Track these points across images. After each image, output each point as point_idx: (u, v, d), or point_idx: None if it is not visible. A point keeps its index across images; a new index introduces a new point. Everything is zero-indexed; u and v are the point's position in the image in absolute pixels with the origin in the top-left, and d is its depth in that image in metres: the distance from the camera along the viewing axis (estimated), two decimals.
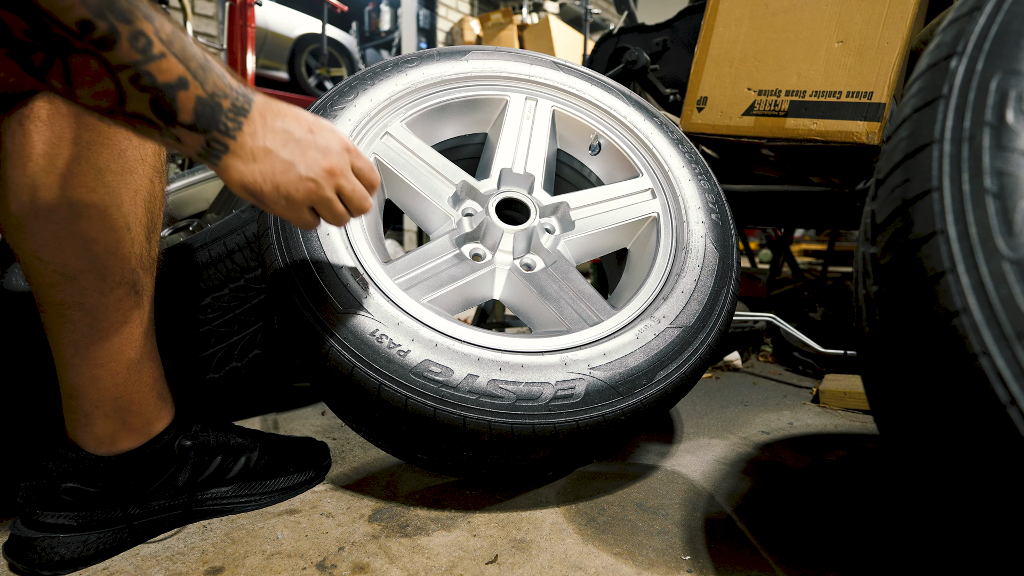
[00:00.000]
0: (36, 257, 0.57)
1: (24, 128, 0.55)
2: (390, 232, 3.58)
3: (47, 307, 0.60)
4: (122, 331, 0.62)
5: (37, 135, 0.55)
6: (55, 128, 0.55)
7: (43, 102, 0.55)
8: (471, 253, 0.83)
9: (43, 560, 0.60)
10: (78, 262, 0.58)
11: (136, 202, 0.61)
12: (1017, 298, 0.36)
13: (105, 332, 0.61)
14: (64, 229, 0.57)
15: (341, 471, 0.87)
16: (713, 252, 0.86)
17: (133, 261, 0.62)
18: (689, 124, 1.27)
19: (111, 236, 0.59)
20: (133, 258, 0.62)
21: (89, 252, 0.58)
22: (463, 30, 5.07)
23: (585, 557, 0.64)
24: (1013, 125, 0.39)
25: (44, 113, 0.55)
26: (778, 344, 1.70)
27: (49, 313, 0.60)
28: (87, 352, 0.60)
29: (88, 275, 0.59)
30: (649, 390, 0.72)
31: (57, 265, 0.57)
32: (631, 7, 2.22)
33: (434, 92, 0.93)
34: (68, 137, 0.56)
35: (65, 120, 0.56)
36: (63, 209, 0.56)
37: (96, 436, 0.63)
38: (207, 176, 1.40)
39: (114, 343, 0.62)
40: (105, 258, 0.59)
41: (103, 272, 0.59)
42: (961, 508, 0.40)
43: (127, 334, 0.62)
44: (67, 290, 0.58)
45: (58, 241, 0.57)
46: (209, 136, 0.48)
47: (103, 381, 0.62)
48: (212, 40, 3.54)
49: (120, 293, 0.61)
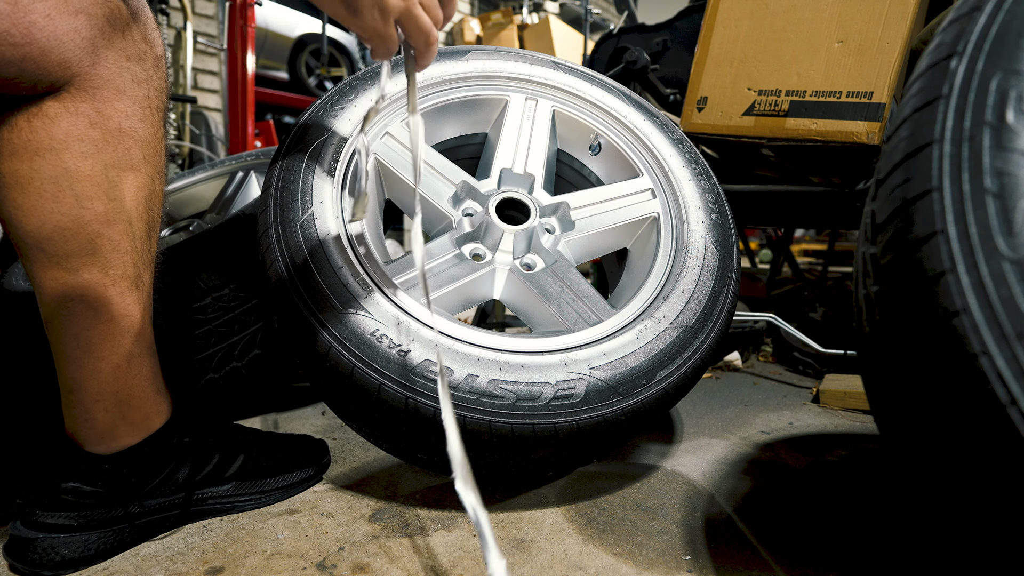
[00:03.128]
0: (40, 251, 0.59)
1: (32, 125, 0.57)
2: (390, 232, 3.58)
3: (49, 300, 0.61)
4: (123, 324, 0.63)
5: (44, 131, 0.57)
6: (62, 125, 0.57)
7: (52, 101, 0.57)
8: (471, 253, 0.83)
9: (44, 560, 0.60)
10: (81, 255, 0.59)
11: (138, 199, 0.63)
12: (1017, 298, 0.36)
13: (106, 325, 0.62)
14: (69, 222, 0.58)
15: (341, 471, 0.87)
16: (713, 252, 0.86)
17: (135, 256, 0.63)
18: (689, 124, 1.27)
19: (114, 230, 0.61)
20: (135, 253, 0.63)
21: (92, 245, 0.60)
22: (463, 30, 5.07)
23: (585, 557, 0.64)
24: (1013, 125, 0.39)
25: (52, 111, 0.57)
26: (778, 344, 1.70)
27: (51, 307, 0.61)
28: (88, 345, 0.61)
29: (91, 268, 0.60)
30: (649, 390, 0.72)
31: (61, 258, 0.59)
32: (631, 7, 2.22)
33: (434, 92, 0.93)
34: (75, 134, 0.57)
35: (73, 118, 0.57)
36: (69, 202, 0.58)
37: (96, 432, 0.63)
38: (207, 176, 1.40)
39: (115, 336, 0.62)
40: (107, 252, 0.61)
41: (105, 266, 0.61)
42: (961, 508, 0.40)
43: (127, 328, 0.63)
44: (70, 283, 0.60)
45: (62, 234, 0.58)
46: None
47: (103, 374, 0.62)
48: (212, 40, 3.54)
49: (122, 287, 0.62)
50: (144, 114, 0.62)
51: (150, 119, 0.63)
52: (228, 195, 1.28)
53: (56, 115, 0.57)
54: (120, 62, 0.59)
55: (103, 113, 0.58)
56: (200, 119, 3.14)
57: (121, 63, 0.59)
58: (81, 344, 0.61)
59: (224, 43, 2.70)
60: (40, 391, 0.95)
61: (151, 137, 0.63)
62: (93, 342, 0.61)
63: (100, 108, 0.58)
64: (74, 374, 0.62)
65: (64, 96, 0.57)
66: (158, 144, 0.65)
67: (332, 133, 0.82)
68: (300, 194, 0.76)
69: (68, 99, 0.57)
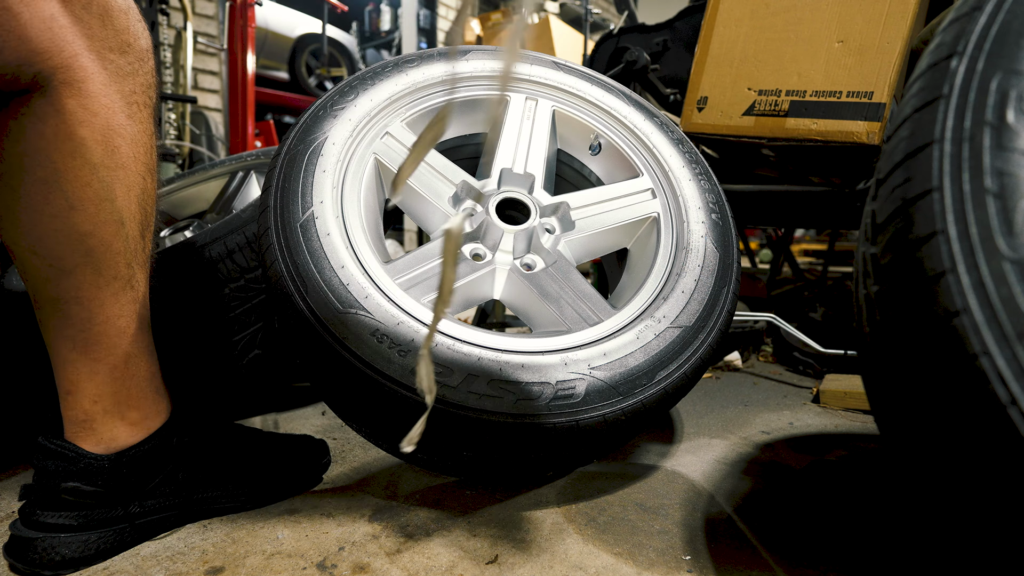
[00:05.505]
0: (33, 252, 0.59)
1: (20, 124, 0.56)
2: (390, 232, 3.58)
3: (44, 303, 0.60)
4: (118, 325, 0.63)
5: (32, 130, 0.56)
6: (51, 124, 0.56)
7: (40, 99, 0.56)
8: (471, 253, 0.83)
9: (44, 560, 0.60)
10: (74, 256, 0.59)
11: (130, 198, 0.62)
12: (1018, 298, 0.36)
13: (102, 326, 0.61)
14: (60, 222, 0.58)
15: (341, 471, 0.87)
16: (713, 252, 0.86)
17: (128, 255, 0.63)
18: (689, 124, 1.27)
19: (105, 230, 0.60)
20: (128, 252, 0.63)
21: (84, 246, 0.59)
22: (463, 30, 5.07)
23: (585, 557, 0.64)
24: (1013, 125, 0.39)
25: (40, 110, 0.56)
26: (778, 344, 1.70)
27: (46, 309, 0.61)
28: (84, 347, 0.61)
29: (84, 269, 0.60)
30: (649, 390, 0.72)
31: (53, 259, 0.59)
32: (631, 7, 2.22)
33: (434, 92, 0.93)
34: (64, 133, 0.57)
35: (60, 117, 0.56)
36: (59, 202, 0.57)
37: (96, 432, 0.63)
38: (207, 176, 1.40)
39: (111, 337, 0.62)
40: (100, 252, 0.60)
41: (98, 266, 0.60)
42: (961, 508, 0.40)
43: (123, 328, 0.63)
44: (63, 285, 0.59)
45: (54, 235, 0.58)
46: None
47: (101, 376, 0.62)
48: (212, 40, 3.54)
49: (116, 287, 0.62)
50: (131, 110, 0.61)
51: (138, 115, 0.62)
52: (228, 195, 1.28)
53: (44, 114, 0.56)
54: (103, 53, 0.58)
55: (89, 110, 0.57)
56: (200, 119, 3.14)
57: (104, 54, 0.58)
58: (77, 346, 0.61)
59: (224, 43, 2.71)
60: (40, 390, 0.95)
61: (140, 134, 0.62)
62: (89, 344, 0.61)
63: (86, 104, 0.57)
64: (71, 376, 0.61)
65: (50, 93, 0.56)
66: (148, 141, 0.64)
67: (332, 133, 0.82)
68: (300, 194, 0.76)
69: (54, 96, 0.56)
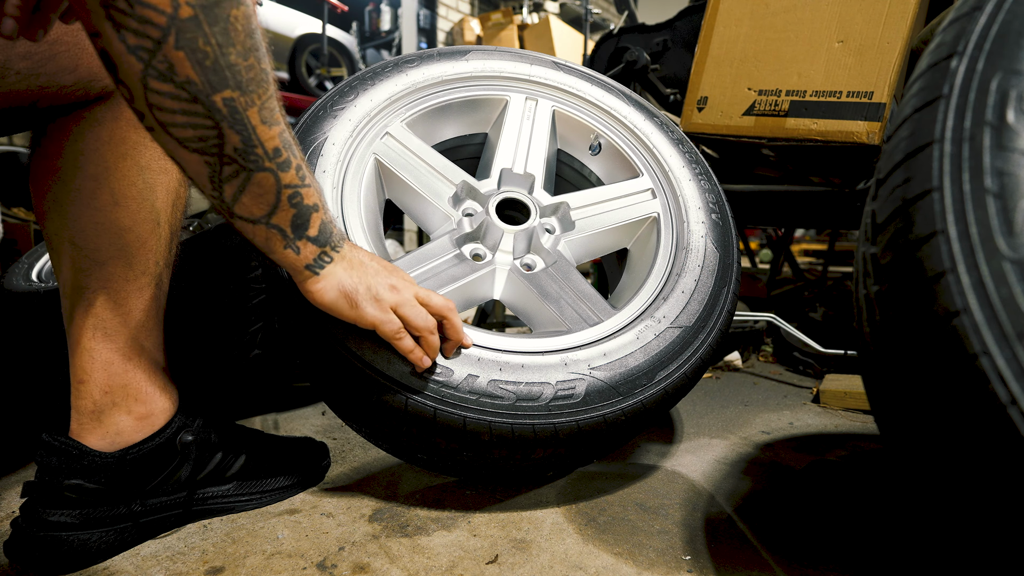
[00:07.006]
0: (72, 243, 0.63)
1: (81, 128, 0.62)
2: (390, 232, 3.58)
3: (72, 291, 0.64)
4: (139, 319, 0.66)
5: (91, 133, 0.62)
6: (107, 128, 0.63)
7: (101, 107, 0.63)
8: (471, 253, 0.83)
9: (44, 559, 0.60)
10: (110, 248, 0.64)
11: (167, 200, 0.68)
12: (1018, 298, 0.36)
13: (123, 318, 0.65)
14: (103, 216, 0.63)
15: (341, 471, 0.87)
16: (713, 252, 0.86)
17: (159, 254, 0.67)
18: (689, 124, 1.27)
19: (143, 227, 0.65)
20: (159, 251, 0.67)
21: (122, 240, 0.64)
22: (463, 30, 5.07)
23: (585, 557, 0.64)
24: (1014, 125, 0.39)
25: (100, 115, 0.63)
26: (778, 344, 1.70)
27: (73, 297, 0.64)
28: (104, 336, 0.64)
29: (117, 261, 0.64)
30: (649, 390, 0.72)
31: (90, 250, 0.63)
32: (631, 7, 2.22)
33: (434, 92, 0.93)
34: (119, 137, 0.63)
35: (118, 123, 0.63)
36: (105, 197, 0.63)
37: (103, 425, 0.64)
38: None
39: (130, 330, 0.65)
40: (135, 247, 0.65)
41: (131, 260, 0.65)
42: (961, 508, 0.40)
43: (143, 322, 0.66)
44: (95, 275, 0.64)
45: (95, 227, 0.63)
46: (323, 249, 0.60)
47: (115, 366, 0.64)
48: None
49: (143, 282, 0.66)
50: None
51: None
52: None
53: (102, 118, 0.63)
54: None
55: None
56: None
57: None
58: (96, 335, 0.64)
59: None
60: (40, 390, 0.95)
61: None
62: (108, 334, 0.64)
63: None
64: (86, 364, 0.64)
65: (111, 101, 0.63)
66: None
67: (332, 133, 0.82)
68: None
69: (114, 104, 0.63)
